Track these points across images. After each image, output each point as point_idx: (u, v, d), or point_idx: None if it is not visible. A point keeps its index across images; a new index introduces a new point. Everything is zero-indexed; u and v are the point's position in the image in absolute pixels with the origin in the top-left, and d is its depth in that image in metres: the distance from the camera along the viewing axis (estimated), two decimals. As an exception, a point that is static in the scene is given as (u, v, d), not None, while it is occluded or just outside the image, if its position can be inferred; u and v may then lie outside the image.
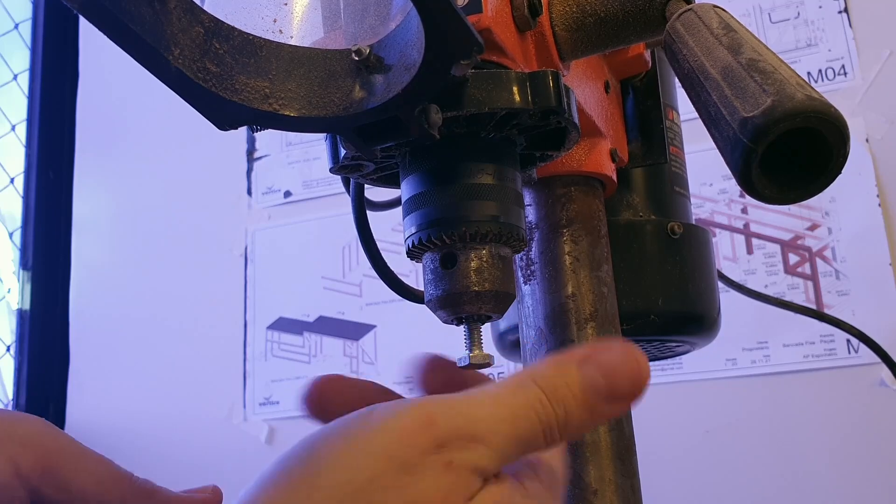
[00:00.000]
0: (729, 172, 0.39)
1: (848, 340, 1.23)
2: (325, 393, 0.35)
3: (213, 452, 1.54)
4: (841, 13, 1.33)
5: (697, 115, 0.37)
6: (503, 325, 0.58)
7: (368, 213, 0.53)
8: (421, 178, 0.37)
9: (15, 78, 1.80)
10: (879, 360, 0.78)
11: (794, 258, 1.29)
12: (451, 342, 0.66)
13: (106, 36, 0.29)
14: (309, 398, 0.35)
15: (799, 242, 1.29)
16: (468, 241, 0.36)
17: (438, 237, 0.36)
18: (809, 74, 1.33)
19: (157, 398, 1.64)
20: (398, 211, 0.43)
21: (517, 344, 0.52)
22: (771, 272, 1.30)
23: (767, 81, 0.32)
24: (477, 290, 0.36)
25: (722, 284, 0.63)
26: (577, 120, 0.38)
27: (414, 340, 1.46)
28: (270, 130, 0.34)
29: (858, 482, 1.18)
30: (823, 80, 1.32)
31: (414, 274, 1.38)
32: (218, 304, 1.65)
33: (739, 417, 1.25)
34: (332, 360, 1.54)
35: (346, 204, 0.52)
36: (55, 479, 0.35)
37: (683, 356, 0.91)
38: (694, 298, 0.56)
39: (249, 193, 1.69)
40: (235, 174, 1.70)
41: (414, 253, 0.37)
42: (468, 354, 0.37)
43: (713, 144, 0.35)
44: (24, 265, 1.74)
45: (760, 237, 1.31)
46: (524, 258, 0.51)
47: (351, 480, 0.26)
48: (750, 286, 0.79)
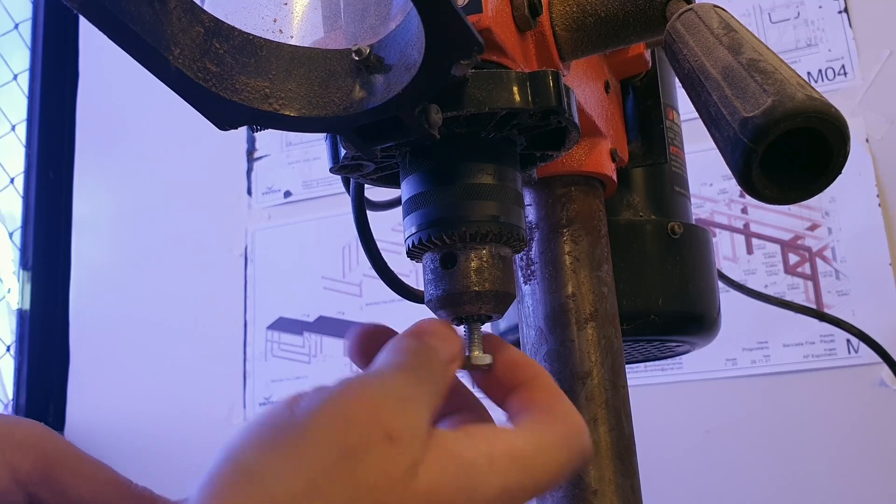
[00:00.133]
0: (729, 172, 0.39)
1: (848, 340, 1.23)
2: (371, 341, 0.36)
3: (213, 452, 1.54)
4: (841, 13, 1.33)
5: (697, 115, 0.37)
6: (503, 325, 0.58)
7: (368, 213, 0.53)
8: (421, 178, 0.37)
9: (15, 78, 1.80)
10: (879, 359, 0.78)
11: (794, 258, 1.29)
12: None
13: (106, 36, 0.29)
14: (356, 347, 0.36)
15: (799, 242, 1.29)
16: (468, 241, 0.36)
17: (438, 237, 0.36)
18: (809, 74, 1.33)
19: (157, 398, 1.64)
20: (398, 211, 0.43)
21: (517, 344, 0.52)
22: (771, 272, 1.30)
23: (768, 81, 0.32)
24: (477, 290, 0.36)
25: (722, 284, 0.63)
26: (577, 120, 0.38)
27: (414, 340, 1.46)
28: (270, 130, 0.34)
29: (858, 482, 1.18)
30: (823, 80, 1.32)
31: (414, 274, 1.38)
32: (218, 304, 1.65)
33: (739, 417, 1.25)
34: (332, 360, 1.54)
35: (346, 204, 0.52)
36: (53, 484, 0.34)
37: (683, 356, 0.91)
38: (694, 298, 0.56)
39: (249, 193, 1.69)
40: (235, 174, 1.70)
41: (414, 253, 0.37)
42: (468, 355, 0.37)
43: (713, 144, 0.35)
44: (24, 265, 1.75)
45: (760, 237, 1.31)
46: (524, 258, 0.51)
47: (298, 481, 0.26)
48: (750, 286, 0.79)
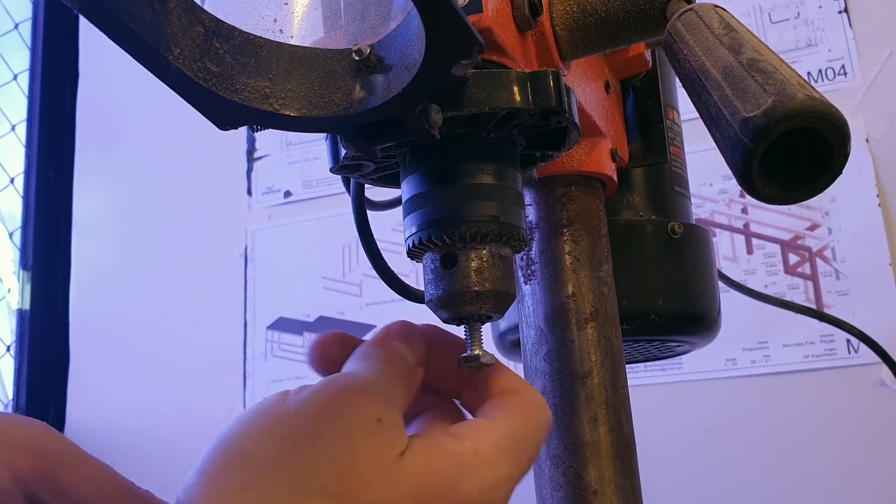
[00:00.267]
0: (729, 172, 0.39)
1: (848, 340, 1.23)
2: (331, 349, 0.37)
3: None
4: (841, 13, 1.33)
5: (698, 115, 0.37)
6: (503, 325, 0.58)
7: (368, 213, 0.53)
8: (421, 177, 0.37)
9: (15, 78, 1.80)
10: (879, 360, 0.78)
11: (794, 258, 1.29)
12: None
13: (106, 36, 0.29)
14: (316, 354, 0.37)
15: (799, 242, 1.29)
16: (468, 241, 0.36)
17: (439, 237, 0.36)
18: (809, 74, 1.33)
19: (157, 398, 1.64)
20: (398, 211, 0.43)
21: (517, 344, 0.52)
22: (771, 272, 1.30)
23: (768, 81, 0.32)
24: (477, 290, 0.36)
25: (722, 284, 0.63)
26: (577, 120, 0.38)
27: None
28: (270, 130, 0.34)
29: (858, 482, 1.18)
30: (823, 80, 1.32)
31: (414, 274, 1.38)
32: (218, 304, 1.65)
33: (739, 417, 1.25)
34: (332, 360, 1.54)
35: (346, 204, 0.52)
36: (53, 484, 0.34)
37: (683, 356, 0.91)
38: (694, 298, 0.56)
39: (249, 193, 1.69)
40: (235, 174, 1.70)
41: (414, 253, 0.37)
42: (470, 354, 0.37)
43: (713, 144, 0.35)
44: (24, 265, 1.74)
45: (760, 237, 1.31)
46: (524, 258, 0.51)
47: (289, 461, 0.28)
48: (750, 286, 0.79)
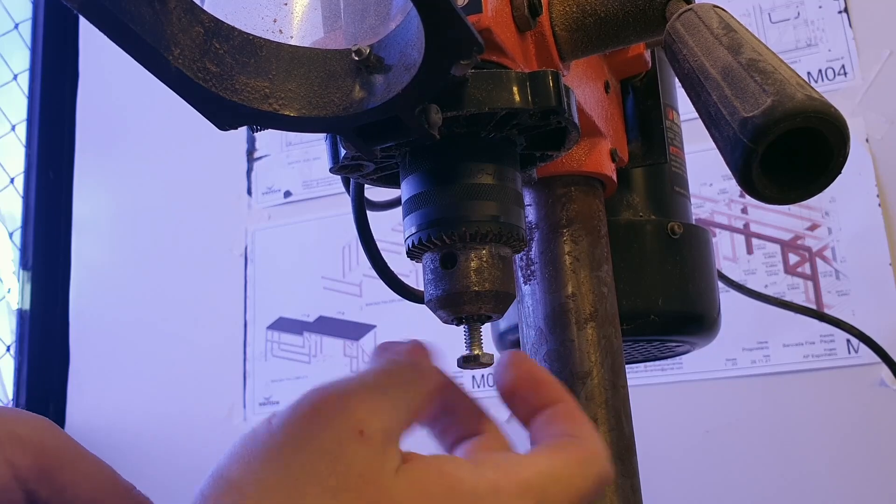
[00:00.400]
0: (729, 172, 0.39)
1: (848, 340, 1.23)
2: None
3: (213, 452, 1.54)
4: (841, 13, 1.33)
5: (697, 115, 0.37)
6: (503, 325, 0.58)
7: (368, 213, 0.53)
8: (421, 178, 0.37)
9: (15, 78, 1.80)
10: (879, 360, 0.78)
11: (794, 258, 1.29)
12: (451, 342, 0.66)
13: (106, 36, 0.29)
14: None
15: (799, 242, 1.29)
16: (468, 241, 0.36)
17: (438, 237, 0.36)
18: (809, 74, 1.33)
19: (157, 398, 1.64)
20: (398, 211, 0.43)
21: (517, 344, 0.52)
22: (771, 272, 1.30)
23: (767, 81, 0.32)
24: (477, 290, 0.36)
25: (722, 284, 0.63)
26: (577, 120, 0.38)
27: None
28: (270, 130, 0.34)
29: (858, 482, 1.18)
30: (823, 80, 1.32)
31: (414, 274, 1.38)
32: (218, 304, 1.65)
33: (739, 417, 1.25)
34: (332, 360, 1.54)
35: (346, 204, 0.52)
36: (52, 481, 0.34)
37: (683, 356, 0.91)
38: (694, 298, 0.56)
39: (249, 193, 1.69)
40: (235, 174, 1.70)
41: (414, 253, 0.37)
42: (469, 354, 0.37)
43: (713, 144, 0.35)
44: (24, 265, 1.75)
45: (760, 237, 1.31)
46: (524, 258, 0.51)
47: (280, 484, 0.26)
48: (750, 286, 0.79)
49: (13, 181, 1.76)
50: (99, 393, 1.70)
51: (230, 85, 0.32)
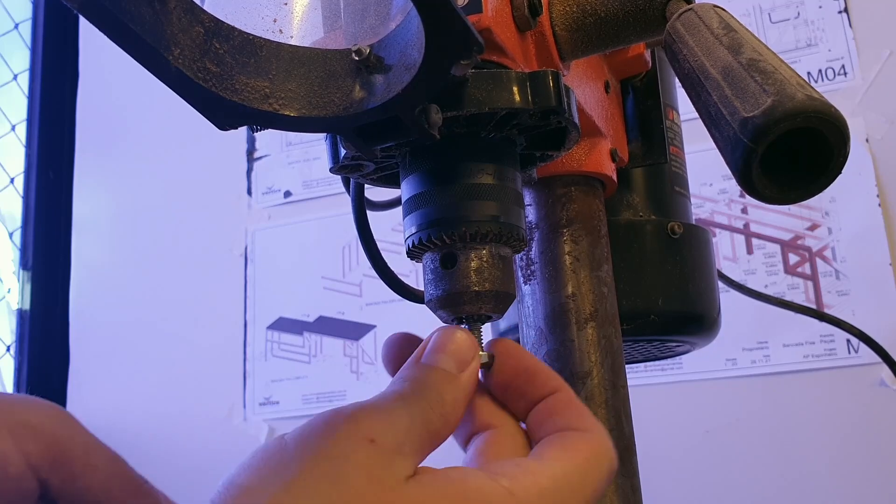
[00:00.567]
0: (729, 172, 0.39)
1: (848, 340, 1.23)
2: (401, 349, 0.37)
3: (213, 452, 1.54)
4: (841, 13, 1.33)
5: (697, 115, 0.37)
6: (503, 325, 0.58)
7: (368, 213, 0.53)
8: (421, 178, 0.37)
9: (15, 78, 1.80)
10: (879, 360, 0.78)
11: (794, 258, 1.29)
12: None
13: (106, 36, 0.29)
14: (387, 356, 0.38)
15: (799, 242, 1.29)
16: (468, 241, 0.36)
17: (438, 237, 0.36)
18: (809, 74, 1.33)
19: (157, 398, 1.64)
20: (398, 211, 0.43)
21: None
22: (771, 272, 1.30)
23: (768, 81, 0.32)
24: (477, 290, 0.36)
25: (722, 284, 0.63)
26: (577, 120, 0.38)
27: (414, 340, 1.46)
28: (270, 130, 0.34)
29: (858, 482, 1.18)
30: (823, 80, 1.32)
31: (414, 274, 1.38)
32: (218, 304, 1.65)
33: (739, 417, 1.25)
34: (332, 360, 1.54)
35: (346, 204, 0.52)
36: (64, 470, 0.34)
37: (683, 356, 0.91)
38: (694, 298, 0.56)
39: (249, 193, 1.69)
40: (235, 174, 1.70)
41: (414, 253, 0.37)
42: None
43: (713, 144, 0.35)
44: (24, 265, 1.75)
45: (760, 237, 1.31)
46: (524, 258, 0.51)
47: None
48: (750, 286, 0.79)
49: (13, 181, 1.76)
50: (99, 393, 1.70)
51: (230, 85, 0.32)
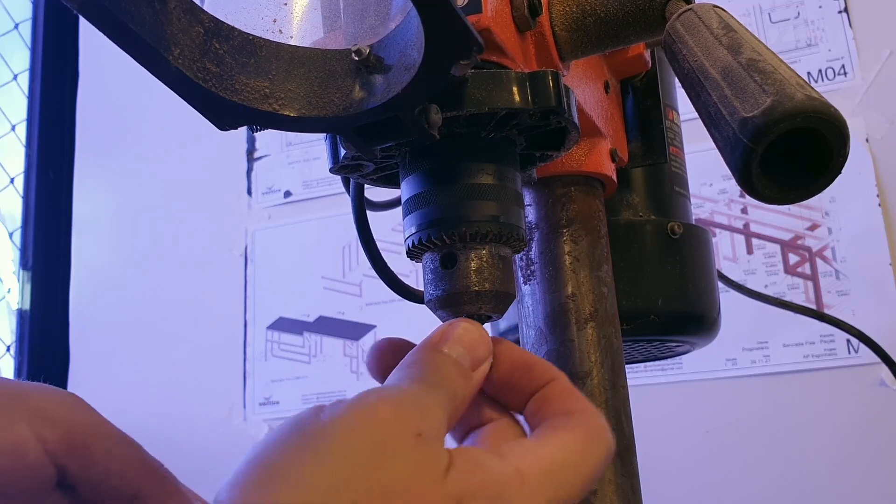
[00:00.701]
0: (729, 172, 0.39)
1: (848, 340, 1.23)
2: (390, 356, 0.37)
3: (213, 452, 1.54)
4: (841, 13, 1.33)
5: (697, 115, 0.37)
6: (503, 325, 0.58)
7: (368, 213, 0.53)
8: (421, 178, 0.37)
9: (15, 78, 1.80)
10: (879, 360, 0.78)
11: (794, 258, 1.29)
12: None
13: (106, 36, 0.29)
14: (374, 362, 0.37)
15: (799, 242, 1.29)
16: (468, 241, 0.36)
17: (438, 237, 0.36)
18: (809, 74, 1.33)
19: (157, 398, 1.64)
20: (398, 211, 0.43)
21: (517, 344, 0.52)
22: (771, 272, 1.30)
23: (767, 81, 0.32)
24: (477, 290, 0.36)
25: (722, 284, 0.63)
26: (577, 120, 0.38)
27: (414, 340, 1.46)
28: (270, 130, 0.34)
29: (858, 482, 1.18)
30: (823, 80, 1.32)
31: (414, 274, 1.38)
32: (218, 304, 1.65)
33: (739, 417, 1.25)
34: (332, 360, 1.55)
35: (346, 204, 0.52)
36: (81, 456, 0.34)
37: (683, 356, 0.91)
38: (694, 298, 0.56)
39: (249, 193, 1.69)
40: (235, 174, 1.70)
41: (414, 253, 0.37)
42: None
43: (713, 144, 0.35)
44: (24, 265, 1.75)
45: (760, 237, 1.31)
46: (524, 258, 0.51)
47: (326, 480, 0.25)
48: (750, 286, 0.79)
49: (13, 181, 1.76)
50: (99, 393, 1.70)
51: (230, 85, 0.32)
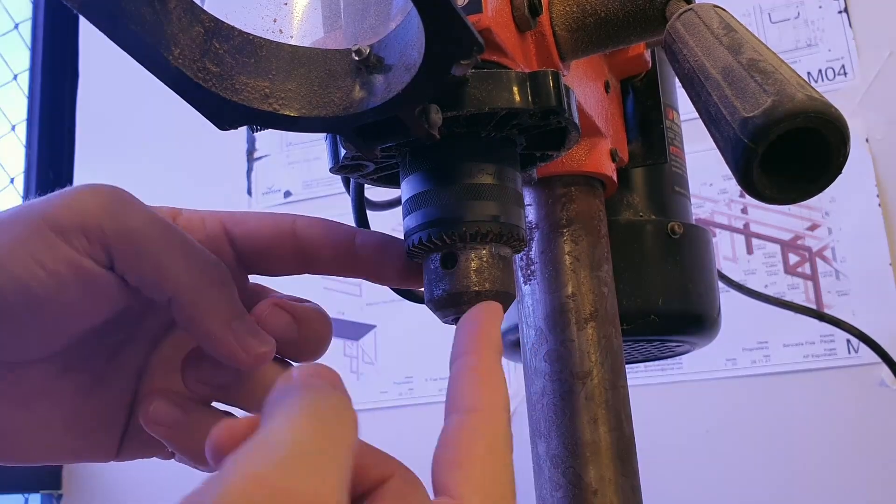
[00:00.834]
0: (729, 172, 0.39)
1: (848, 340, 1.23)
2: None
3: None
4: (841, 13, 1.33)
5: (697, 115, 0.37)
6: (503, 325, 0.58)
7: (368, 213, 0.53)
8: (421, 177, 0.37)
9: (15, 78, 1.80)
10: (879, 360, 0.78)
11: (794, 258, 1.29)
12: (451, 342, 0.66)
13: (106, 36, 0.29)
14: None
15: (799, 242, 1.29)
16: (468, 241, 0.36)
17: (439, 237, 0.36)
18: (809, 74, 1.33)
19: (157, 398, 1.64)
20: (398, 211, 0.43)
21: (517, 344, 0.52)
22: (771, 272, 1.30)
23: (768, 81, 0.32)
24: (477, 290, 0.36)
25: (722, 284, 0.63)
26: (577, 120, 0.38)
27: (414, 340, 1.46)
28: (270, 130, 0.34)
29: (858, 482, 1.18)
30: (823, 80, 1.32)
31: (414, 274, 1.38)
32: (218, 304, 1.64)
33: (739, 417, 1.25)
34: (332, 360, 1.54)
35: (346, 204, 0.52)
36: (127, 254, 0.32)
37: (683, 356, 0.91)
38: (694, 298, 0.56)
39: (249, 193, 1.69)
40: (235, 174, 1.70)
41: (414, 253, 0.37)
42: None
43: (713, 144, 0.35)
44: (24, 265, 1.74)
45: (760, 237, 1.31)
46: (524, 258, 0.51)
47: None
48: (750, 286, 0.79)
49: (13, 181, 1.76)
50: (99, 393, 1.70)
51: (230, 85, 0.32)
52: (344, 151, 0.38)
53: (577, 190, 0.51)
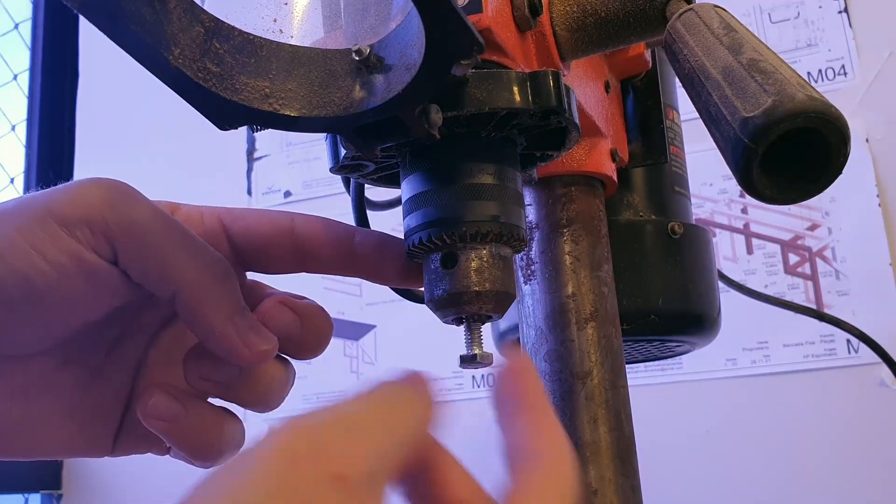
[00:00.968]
0: (729, 172, 0.39)
1: (848, 340, 1.23)
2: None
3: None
4: (841, 13, 1.33)
5: (698, 115, 0.37)
6: (503, 324, 0.58)
7: (368, 213, 0.53)
8: (421, 177, 0.37)
9: (15, 78, 1.80)
10: (879, 360, 0.78)
11: (794, 258, 1.29)
12: (451, 342, 0.66)
13: (106, 36, 0.29)
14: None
15: (799, 242, 1.29)
16: (468, 241, 0.36)
17: (439, 237, 0.36)
18: (809, 74, 1.33)
19: (157, 398, 1.64)
20: (398, 211, 0.43)
21: (517, 344, 0.52)
22: (771, 272, 1.30)
23: (768, 81, 0.32)
24: (477, 289, 0.36)
25: (722, 284, 0.63)
26: (577, 120, 0.38)
27: (414, 340, 1.46)
28: (270, 130, 0.34)
29: (858, 482, 1.18)
30: (823, 80, 1.32)
31: (414, 274, 1.38)
32: (218, 304, 1.64)
33: (739, 417, 1.25)
34: (332, 360, 1.54)
35: (346, 204, 0.52)
36: (131, 247, 0.33)
37: (683, 356, 0.91)
38: (694, 298, 0.56)
39: (249, 193, 1.69)
40: (235, 174, 1.70)
41: (414, 253, 0.37)
42: (468, 353, 0.37)
43: (713, 144, 0.35)
44: (24, 265, 1.74)
45: (760, 237, 1.31)
46: (524, 258, 0.51)
47: None
48: (750, 286, 0.79)
49: (13, 181, 1.76)
50: (99, 393, 1.70)
51: (230, 85, 0.32)
52: (344, 151, 0.38)
53: (577, 190, 0.51)
